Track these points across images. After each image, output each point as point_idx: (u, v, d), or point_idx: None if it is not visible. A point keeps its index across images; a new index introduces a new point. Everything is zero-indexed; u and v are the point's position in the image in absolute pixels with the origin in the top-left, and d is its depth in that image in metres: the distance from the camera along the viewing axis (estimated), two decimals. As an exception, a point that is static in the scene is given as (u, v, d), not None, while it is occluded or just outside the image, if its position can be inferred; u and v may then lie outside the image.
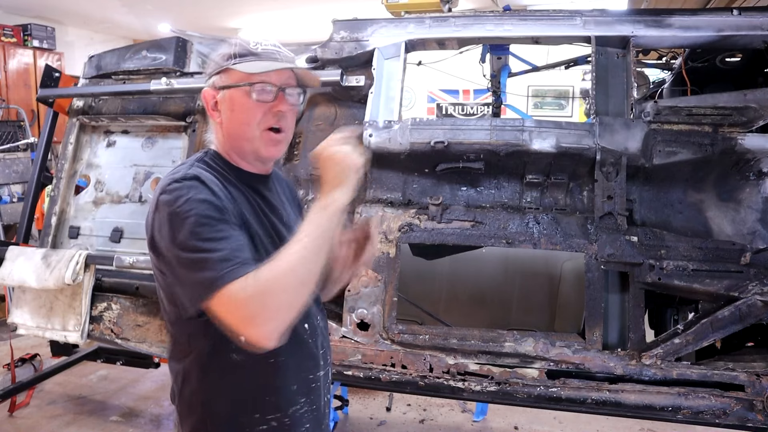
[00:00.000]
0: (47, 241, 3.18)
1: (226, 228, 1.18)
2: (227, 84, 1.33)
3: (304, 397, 1.38)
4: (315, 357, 1.42)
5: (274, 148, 1.36)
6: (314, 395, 1.41)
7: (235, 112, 1.32)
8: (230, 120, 1.34)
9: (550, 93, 8.89)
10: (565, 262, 3.25)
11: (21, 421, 3.73)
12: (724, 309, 2.26)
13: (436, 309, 3.09)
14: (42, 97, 3.32)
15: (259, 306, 1.08)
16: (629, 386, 2.30)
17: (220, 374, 1.29)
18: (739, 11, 2.48)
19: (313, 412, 1.40)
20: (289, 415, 1.34)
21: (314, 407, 1.41)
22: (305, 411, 1.38)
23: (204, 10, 7.89)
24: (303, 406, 1.38)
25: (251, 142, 1.34)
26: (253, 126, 1.32)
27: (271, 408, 1.32)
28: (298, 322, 1.32)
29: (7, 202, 5.77)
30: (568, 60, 3.85)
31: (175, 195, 1.19)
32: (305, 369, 1.39)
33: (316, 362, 1.42)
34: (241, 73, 1.31)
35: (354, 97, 2.80)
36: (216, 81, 1.34)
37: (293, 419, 1.35)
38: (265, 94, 1.31)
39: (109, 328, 2.92)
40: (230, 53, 1.33)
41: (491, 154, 2.49)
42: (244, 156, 1.37)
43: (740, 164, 2.37)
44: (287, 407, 1.34)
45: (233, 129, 1.34)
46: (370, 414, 3.87)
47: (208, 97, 1.36)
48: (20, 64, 7.35)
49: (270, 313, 1.08)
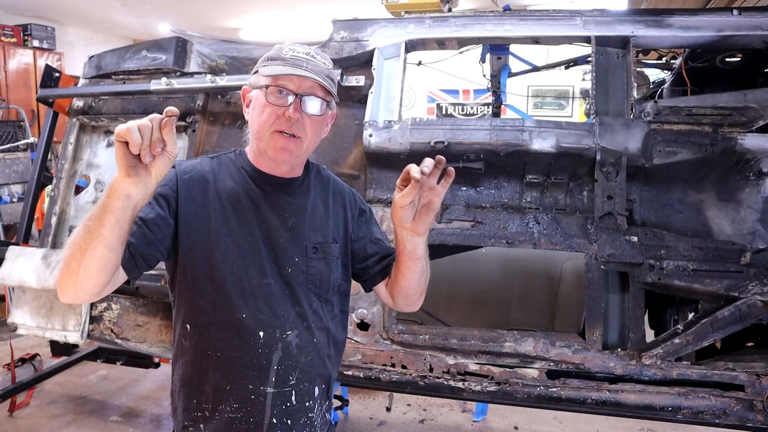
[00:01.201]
0: (47, 241, 3.18)
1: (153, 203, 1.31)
2: (254, 84, 1.40)
3: (238, 404, 1.36)
4: (261, 369, 1.36)
5: (280, 151, 1.36)
6: (252, 408, 1.36)
7: (255, 111, 1.39)
8: (251, 118, 1.41)
9: (550, 93, 8.89)
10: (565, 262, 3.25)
11: (21, 421, 3.73)
12: (724, 309, 2.26)
13: (436, 309, 3.10)
14: (42, 97, 3.32)
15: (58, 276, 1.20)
16: (629, 386, 2.30)
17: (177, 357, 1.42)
18: (739, 11, 2.48)
19: (248, 424, 1.36)
20: (219, 411, 1.37)
21: (251, 420, 1.36)
22: (236, 418, 1.36)
23: (204, 10, 7.89)
24: (235, 412, 1.36)
25: (262, 142, 1.38)
26: (266, 127, 1.36)
27: (204, 397, 1.38)
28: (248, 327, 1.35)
29: (7, 202, 5.77)
30: (568, 60, 3.85)
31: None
32: (244, 376, 1.36)
33: (261, 375, 1.36)
34: (265, 75, 1.36)
35: (354, 97, 2.80)
36: (251, 80, 1.42)
37: (221, 418, 1.36)
38: (279, 98, 1.34)
39: (109, 328, 2.93)
40: (267, 56, 1.40)
41: (491, 154, 2.49)
42: (259, 153, 1.42)
43: (740, 164, 2.38)
44: (217, 403, 1.37)
45: (252, 127, 1.41)
46: (370, 414, 3.87)
47: (245, 95, 1.44)
48: (20, 64, 7.35)
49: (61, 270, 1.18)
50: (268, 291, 1.37)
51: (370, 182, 2.67)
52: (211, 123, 3.01)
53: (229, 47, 3.19)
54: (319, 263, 1.44)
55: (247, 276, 1.36)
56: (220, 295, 1.35)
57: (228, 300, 1.35)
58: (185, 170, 1.40)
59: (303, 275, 1.41)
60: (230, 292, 1.35)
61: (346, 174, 2.75)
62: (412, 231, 1.35)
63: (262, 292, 1.37)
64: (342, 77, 2.71)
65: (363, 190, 2.70)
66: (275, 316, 1.37)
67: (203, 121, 3.00)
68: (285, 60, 1.35)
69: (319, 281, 1.43)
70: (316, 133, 1.40)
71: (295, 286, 1.40)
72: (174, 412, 1.45)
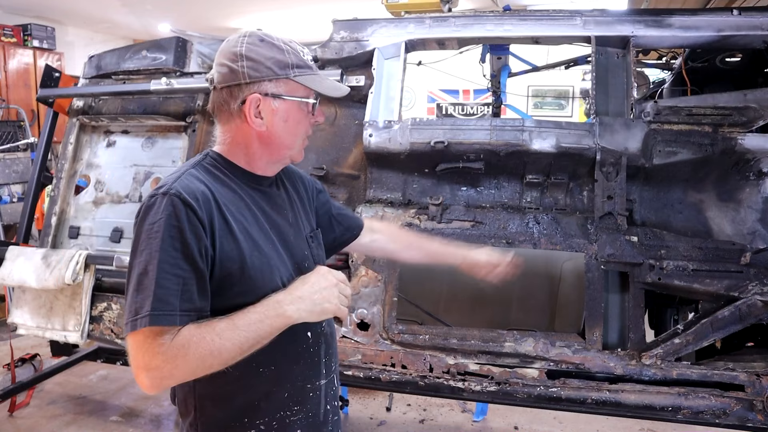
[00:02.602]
0: (47, 241, 3.18)
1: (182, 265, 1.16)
2: (287, 95, 1.30)
3: (298, 405, 1.36)
4: (316, 366, 1.40)
5: (302, 154, 1.42)
6: (311, 403, 1.39)
7: (289, 123, 1.32)
8: (278, 129, 1.31)
9: (550, 93, 8.89)
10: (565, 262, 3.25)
11: (21, 421, 3.73)
12: (724, 309, 2.26)
13: (436, 309, 3.09)
14: (42, 97, 3.32)
15: (159, 364, 1.11)
16: (629, 386, 2.30)
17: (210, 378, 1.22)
18: (739, 11, 2.48)
19: (308, 419, 1.38)
20: (278, 420, 1.33)
21: (310, 414, 1.39)
22: (298, 418, 1.36)
23: (204, 10, 7.89)
24: (296, 414, 1.36)
25: (291, 150, 1.36)
26: (300, 137, 1.36)
27: (259, 413, 1.32)
28: (299, 332, 1.32)
29: (7, 202, 5.76)
30: (568, 60, 3.85)
31: (153, 211, 1.19)
32: (302, 378, 1.37)
33: (317, 371, 1.40)
34: (302, 87, 1.32)
35: (354, 97, 2.79)
36: (269, 88, 1.28)
37: (281, 425, 1.34)
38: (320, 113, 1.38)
39: (109, 328, 2.92)
40: (285, 61, 1.29)
41: (491, 154, 2.49)
42: (274, 161, 1.37)
43: (740, 164, 2.37)
44: (275, 413, 1.33)
45: (277, 138, 1.32)
46: (370, 414, 3.87)
47: (254, 103, 1.28)
48: (20, 64, 7.35)
49: (165, 374, 1.12)
50: None
51: (370, 182, 2.67)
52: (211, 123, 3.00)
53: (229, 47, 3.18)
54: (318, 250, 1.49)
55: (281, 282, 1.31)
56: None
57: None
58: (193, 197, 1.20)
59: (313, 266, 1.41)
60: None
61: (346, 174, 2.75)
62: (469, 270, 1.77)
63: None
64: (342, 77, 2.71)
65: (363, 190, 2.70)
66: None
67: (203, 121, 3.01)
68: (312, 67, 1.34)
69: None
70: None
71: None
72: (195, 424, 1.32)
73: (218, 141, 1.36)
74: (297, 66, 1.30)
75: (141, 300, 1.13)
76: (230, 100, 1.29)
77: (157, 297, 1.13)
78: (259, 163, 1.36)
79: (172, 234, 1.16)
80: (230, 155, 1.35)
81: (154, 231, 1.16)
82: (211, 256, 1.20)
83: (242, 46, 1.27)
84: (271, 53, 1.28)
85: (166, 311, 1.12)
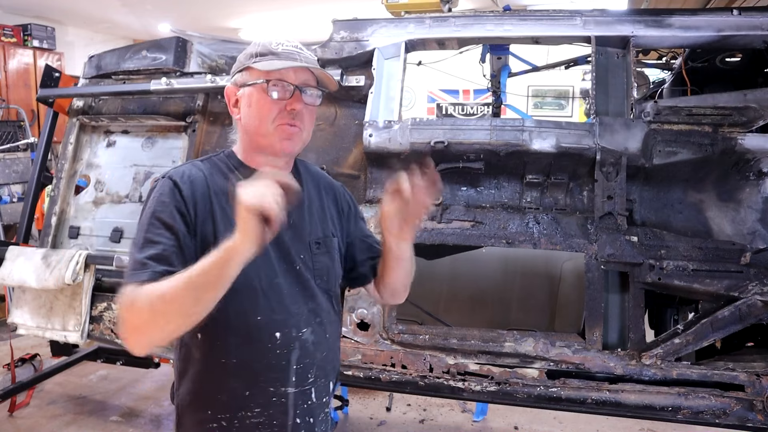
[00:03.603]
0: (47, 241, 3.18)
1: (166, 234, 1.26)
2: (247, 81, 1.37)
3: (260, 408, 1.34)
4: (282, 370, 1.35)
5: (288, 142, 1.37)
6: (275, 410, 1.35)
7: (252, 108, 1.36)
8: (247, 116, 1.37)
9: (550, 93, 8.89)
10: (565, 262, 3.25)
11: (21, 421, 3.73)
12: (724, 309, 2.26)
13: (436, 309, 3.09)
14: (42, 97, 3.32)
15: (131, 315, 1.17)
16: (629, 386, 2.30)
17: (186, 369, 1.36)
18: (739, 11, 2.48)
19: (271, 427, 1.35)
20: (239, 419, 1.33)
21: (274, 423, 1.35)
22: (260, 422, 1.34)
23: (204, 10, 7.89)
24: (257, 417, 1.34)
25: (266, 138, 1.36)
26: (268, 122, 1.35)
27: (220, 407, 1.34)
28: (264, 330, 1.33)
29: (7, 202, 5.76)
30: (568, 60, 3.85)
31: (152, 192, 1.34)
32: (265, 380, 1.34)
33: (282, 376, 1.35)
34: (260, 71, 1.35)
35: (354, 97, 2.80)
36: (237, 79, 1.39)
37: (242, 425, 1.33)
38: (282, 91, 1.34)
39: (109, 328, 2.92)
40: (253, 52, 1.38)
41: (491, 154, 2.48)
42: (261, 150, 1.39)
43: (740, 164, 2.37)
44: (237, 410, 1.33)
45: (250, 125, 1.38)
46: (370, 414, 3.87)
47: (230, 95, 1.40)
48: (20, 64, 7.35)
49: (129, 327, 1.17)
50: (279, 290, 1.35)
51: (370, 182, 2.66)
52: (211, 123, 3.01)
53: (229, 47, 3.18)
54: (324, 257, 1.44)
55: (258, 277, 1.32)
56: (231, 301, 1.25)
57: (240, 304, 1.31)
58: (183, 179, 1.32)
59: (310, 271, 1.40)
60: (242, 296, 1.30)
61: (346, 174, 2.75)
62: (399, 237, 1.42)
63: (274, 292, 1.34)
64: (342, 77, 2.71)
65: (363, 190, 2.70)
66: (289, 315, 1.35)
67: (203, 121, 3.01)
68: (278, 54, 1.35)
69: (326, 276, 1.44)
70: (312, 123, 1.42)
71: (304, 282, 1.39)
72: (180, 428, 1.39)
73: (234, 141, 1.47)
74: (260, 54, 1.37)
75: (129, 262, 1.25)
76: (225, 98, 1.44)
77: (137, 261, 1.22)
78: (252, 155, 1.41)
79: (159, 208, 1.28)
80: (238, 152, 1.43)
81: (148, 207, 1.31)
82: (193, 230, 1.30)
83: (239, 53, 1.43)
84: (247, 49, 1.40)
85: (138, 270, 1.20)
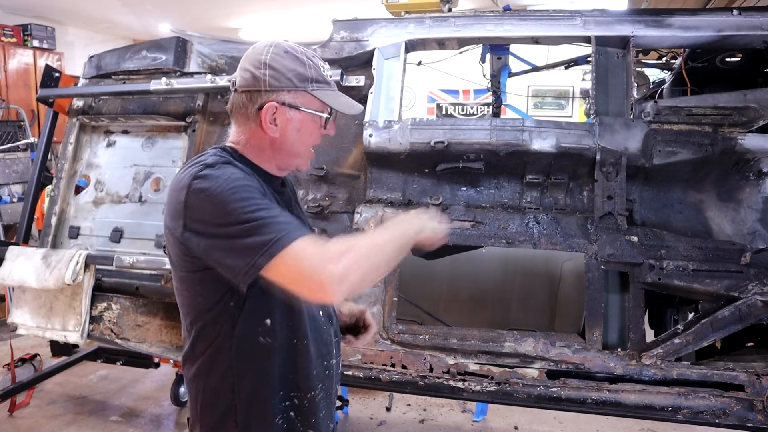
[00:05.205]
0: (47, 241, 3.18)
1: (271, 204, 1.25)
2: (303, 107, 1.37)
3: (321, 383, 1.44)
4: (329, 344, 1.47)
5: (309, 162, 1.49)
6: (328, 382, 1.47)
7: (301, 133, 1.39)
8: (290, 138, 1.38)
9: (550, 93, 8.89)
10: (565, 262, 3.25)
11: (21, 421, 3.73)
12: (724, 309, 2.26)
13: (436, 309, 3.09)
14: (42, 97, 3.32)
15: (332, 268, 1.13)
16: (629, 386, 2.30)
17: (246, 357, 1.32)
18: (739, 11, 2.48)
19: (327, 398, 1.46)
20: (309, 399, 1.40)
21: (328, 394, 1.47)
22: (321, 397, 1.44)
23: (204, 10, 7.89)
24: (320, 392, 1.43)
25: (298, 159, 1.43)
26: (308, 147, 1.43)
27: (293, 386, 1.38)
28: (316, 309, 1.43)
29: (7, 202, 5.77)
30: (568, 60, 3.85)
31: (213, 178, 1.23)
32: (322, 355, 1.44)
33: (329, 349, 1.47)
34: (318, 101, 1.38)
35: (354, 97, 2.76)
36: (287, 99, 1.35)
37: (312, 403, 1.40)
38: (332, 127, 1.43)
39: (109, 328, 2.92)
40: (306, 75, 1.35)
41: (491, 154, 2.48)
42: (281, 166, 1.44)
43: (740, 164, 2.37)
44: (307, 390, 1.40)
45: (288, 146, 1.39)
46: (370, 414, 3.87)
47: (271, 111, 1.34)
48: (20, 64, 7.35)
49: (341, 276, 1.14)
50: None
51: (370, 182, 2.66)
52: (211, 123, 3.01)
53: (229, 47, 3.18)
54: None
55: None
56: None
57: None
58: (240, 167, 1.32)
59: None
60: None
61: (346, 174, 2.75)
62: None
63: None
64: (342, 77, 2.71)
65: (363, 190, 2.70)
66: None
67: (203, 121, 3.01)
68: (331, 84, 1.41)
69: None
70: None
71: None
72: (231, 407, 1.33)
73: (232, 139, 1.42)
74: (316, 80, 1.37)
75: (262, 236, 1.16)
76: (249, 104, 1.35)
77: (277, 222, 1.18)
78: (268, 165, 1.43)
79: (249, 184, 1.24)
80: (245, 152, 1.41)
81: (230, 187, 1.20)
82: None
83: (267, 55, 1.34)
84: (293, 65, 1.35)
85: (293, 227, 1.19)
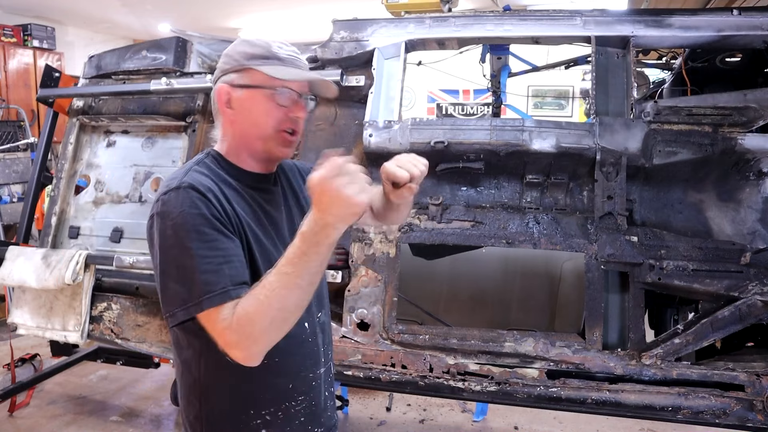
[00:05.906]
0: (47, 241, 3.18)
1: (220, 239, 1.19)
2: (248, 83, 1.33)
3: (302, 395, 1.40)
4: (315, 355, 1.43)
5: (287, 149, 1.39)
6: (313, 392, 1.43)
7: (254, 112, 1.33)
8: (246, 119, 1.34)
9: (550, 93, 8.89)
10: (565, 262, 3.25)
11: (21, 421, 3.73)
12: (724, 309, 2.26)
13: (436, 309, 3.10)
14: (42, 97, 3.32)
15: (236, 339, 1.12)
16: (629, 386, 2.30)
17: (216, 369, 1.30)
18: (739, 11, 2.48)
19: (310, 407, 1.42)
20: (283, 410, 1.37)
21: (312, 403, 1.43)
22: (301, 407, 1.40)
23: (204, 10, 7.89)
24: (300, 403, 1.40)
25: (265, 142, 1.35)
26: (270, 127, 1.34)
27: (265, 403, 1.35)
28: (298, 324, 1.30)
29: (7, 202, 5.77)
30: (568, 60, 3.85)
31: (171, 206, 1.21)
32: (304, 368, 1.40)
33: (316, 360, 1.43)
34: (264, 75, 1.32)
35: (354, 97, 2.80)
36: (234, 79, 1.33)
37: (287, 414, 1.37)
38: (288, 99, 1.34)
39: (109, 328, 2.92)
40: (252, 53, 1.33)
41: (491, 154, 2.48)
42: (254, 154, 1.37)
43: (740, 164, 2.37)
44: (282, 402, 1.37)
45: (248, 128, 1.35)
46: (370, 414, 3.87)
47: (222, 94, 1.34)
48: (20, 64, 7.35)
49: (247, 345, 1.13)
50: None
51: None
52: (211, 123, 3.01)
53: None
54: None
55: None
56: None
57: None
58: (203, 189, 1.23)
59: None
60: None
61: (346, 174, 2.75)
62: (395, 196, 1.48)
63: None
64: (342, 77, 2.71)
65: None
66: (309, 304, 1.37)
67: (203, 121, 3.01)
68: (283, 60, 1.34)
69: None
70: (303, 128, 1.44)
71: None
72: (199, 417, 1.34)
73: (218, 141, 1.41)
74: (262, 57, 1.33)
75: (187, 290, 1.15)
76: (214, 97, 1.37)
77: (204, 282, 1.14)
78: (243, 156, 1.38)
79: (197, 221, 1.19)
80: (226, 153, 1.39)
81: (178, 223, 1.18)
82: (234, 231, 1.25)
83: (228, 48, 1.38)
84: (243, 48, 1.35)
85: (215, 292, 1.14)
